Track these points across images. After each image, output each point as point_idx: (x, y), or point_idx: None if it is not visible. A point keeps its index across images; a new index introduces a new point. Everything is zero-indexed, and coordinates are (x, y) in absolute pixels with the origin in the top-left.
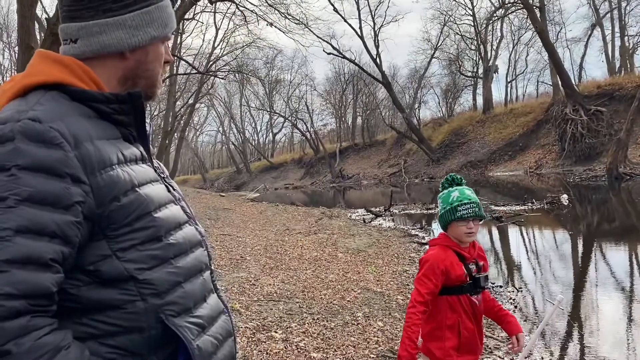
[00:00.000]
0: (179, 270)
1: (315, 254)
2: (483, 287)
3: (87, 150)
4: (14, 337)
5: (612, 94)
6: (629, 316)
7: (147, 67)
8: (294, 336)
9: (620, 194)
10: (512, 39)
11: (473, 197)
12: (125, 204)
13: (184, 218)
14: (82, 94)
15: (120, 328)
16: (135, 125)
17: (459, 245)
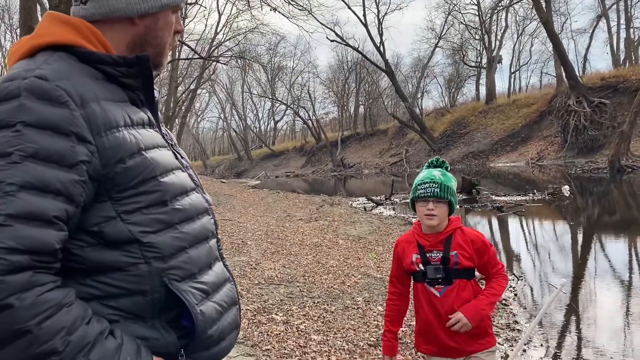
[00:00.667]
0: (184, 236)
1: (316, 240)
2: (431, 279)
3: (93, 110)
4: (16, 291)
5: (616, 86)
6: (627, 308)
7: (157, 34)
8: (294, 319)
9: (622, 187)
10: (517, 29)
11: (437, 178)
12: (131, 166)
13: (191, 185)
14: (90, 56)
15: (123, 290)
16: (143, 89)
17: (419, 232)
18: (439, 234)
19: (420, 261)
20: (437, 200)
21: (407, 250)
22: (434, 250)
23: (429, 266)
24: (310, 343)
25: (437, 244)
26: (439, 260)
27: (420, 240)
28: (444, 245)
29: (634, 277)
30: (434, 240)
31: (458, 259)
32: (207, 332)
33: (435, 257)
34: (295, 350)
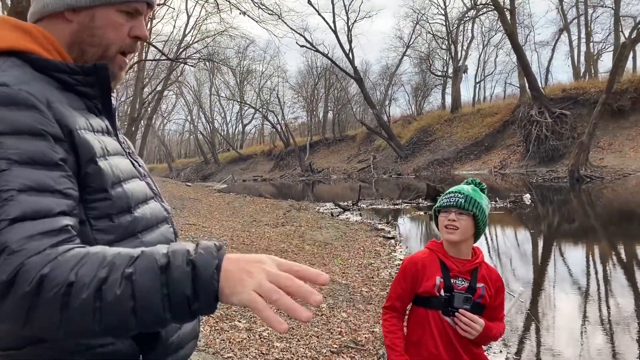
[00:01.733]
0: (146, 245)
1: (282, 245)
2: (456, 309)
3: (59, 110)
4: (43, 263)
5: (576, 97)
6: (585, 313)
7: (93, 32)
8: (257, 326)
9: (581, 196)
10: (482, 40)
11: (465, 190)
12: (101, 167)
13: (149, 194)
14: (45, 63)
15: None
16: (101, 98)
17: (446, 253)
18: (467, 262)
19: (442, 286)
20: (460, 211)
21: (428, 271)
22: (459, 277)
23: (456, 294)
24: (273, 350)
25: (464, 272)
26: (465, 289)
27: (447, 262)
28: (470, 274)
29: (591, 283)
30: (462, 267)
31: (484, 293)
32: (168, 340)
33: (460, 285)
34: (257, 357)
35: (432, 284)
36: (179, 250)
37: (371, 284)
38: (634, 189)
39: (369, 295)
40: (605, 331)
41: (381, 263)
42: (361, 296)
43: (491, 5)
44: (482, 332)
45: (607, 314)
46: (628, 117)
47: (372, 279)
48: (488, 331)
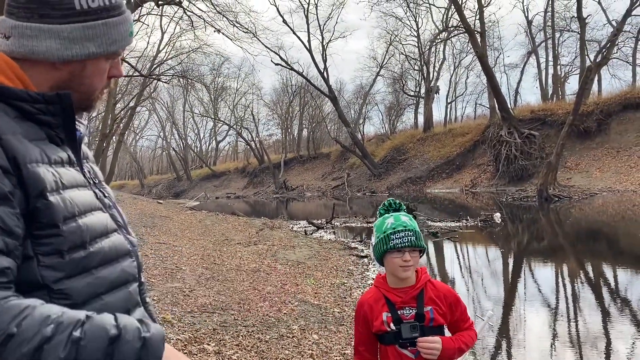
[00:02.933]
0: (100, 281)
1: (254, 265)
2: (407, 339)
3: (10, 142)
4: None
5: (544, 119)
6: (554, 330)
7: (83, 81)
8: (227, 349)
9: (549, 215)
10: (454, 62)
11: (410, 224)
12: (52, 202)
13: (112, 226)
14: (5, 91)
15: None
16: (64, 127)
17: (388, 287)
18: (410, 289)
19: (391, 320)
20: (412, 249)
21: (375, 310)
22: (405, 307)
23: (403, 325)
24: None
25: (409, 300)
26: (413, 317)
27: (389, 296)
28: (416, 300)
29: (560, 301)
30: (405, 296)
31: (434, 315)
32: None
33: (408, 315)
34: None
35: (380, 321)
36: (130, 325)
37: (343, 304)
38: (600, 209)
39: (341, 315)
40: (574, 348)
41: (354, 282)
42: (333, 317)
43: (462, 28)
44: (443, 348)
45: (576, 331)
46: (594, 138)
47: (345, 299)
48: (448, 345)
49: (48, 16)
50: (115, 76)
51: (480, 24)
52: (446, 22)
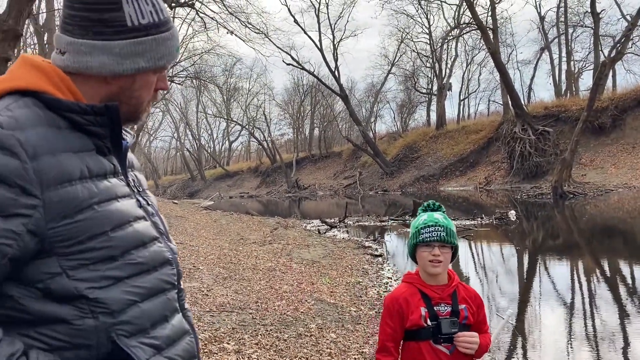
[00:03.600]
0: (137, 290)
1: (269, 264)
2: (446, 334)
3: (45, 164)
4: None
5: (558, 115)
6: (570, 329)
7: (132, 94)
8: (246, 348)
9: (564, 212)
10: (466, 59)
11: (442, 221)
12: (80, 221)
13: (151, 235)
14: (56, 103)
15: (67, 344)
16: (111, 138)
17: (424, 283)
18: (446, 286)
19: (428, 316)
20: (442, 245)
21: (412, 304)
22: (441, 303)
23: (442, 320)
24: None
25: (445, 297)
26: (449, 314)
27: (427, 292)
28: (451, 298)
29: (576, 299)
30: (442, 293)
31: (467, 314)
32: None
33: (443, 311)
34: None
35: (418, 315)
36: None
37: (359, 303)
38: (615, 205)
39: (357, 315)
40: (591, 346)
41: (369, 282)
42: (350, 316)
43: (474, 25)
44: (480, 344)
45: (593, 329)
46: (609, 134)
47: (361, 297)
48: (482, 341)
49: (102, 33)
50: (162, 89)
51: (493, 21)
52: (458, 19)
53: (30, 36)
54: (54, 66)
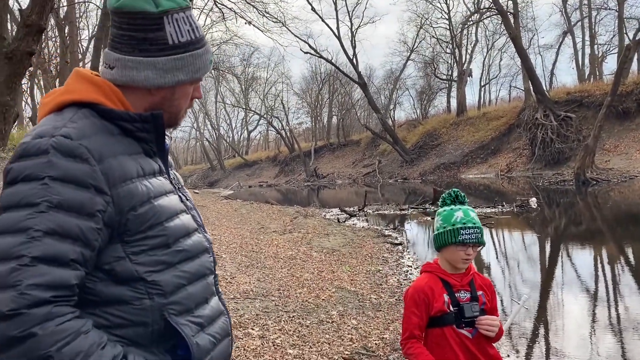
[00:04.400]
0: (184, 274)
1: (290, 252)
2: (469, 318)
3: (110, 165)
4: (39, 322)
5: (581, 100)
6: (594, 316)
7: (172, 103)
8: (270, 333)
9: (587, 198)
10: (487, 44)
11: (477, 221)
12: (141, 213)
13: (193, 226)
14: (109, 113)
15: (128, 321)
16: (156, 142)
17: (446, 272)
18: (464, 275)
19: (450, 302)
20: (476, 245)
21: (436, 292)
22: (462, 290)
23: (465, 304)
24: (286, 357)
25: (465, 285)
26: (469, 300)
27: (449, 280)
28: (469, 285)
29: (600, 286)
30: (462, 281)
31: (485, 299)
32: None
33: (464, 298)
34: None
35: (442, 302)
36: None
37: (380, 290)
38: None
39: (378, 302)
40: (614, 334)
41: (389, 270)
42: (370, 303)
43: (494, 10)
44: (500, 326)
45: (616, 317)
46: (634, 119)
47: (381, 285)
48: (500, 325)
49: (147, 50)
50: (197, 97)
51: (513, 5)
52: (478, 4)
53: (52, 29)
54: (105, 80)
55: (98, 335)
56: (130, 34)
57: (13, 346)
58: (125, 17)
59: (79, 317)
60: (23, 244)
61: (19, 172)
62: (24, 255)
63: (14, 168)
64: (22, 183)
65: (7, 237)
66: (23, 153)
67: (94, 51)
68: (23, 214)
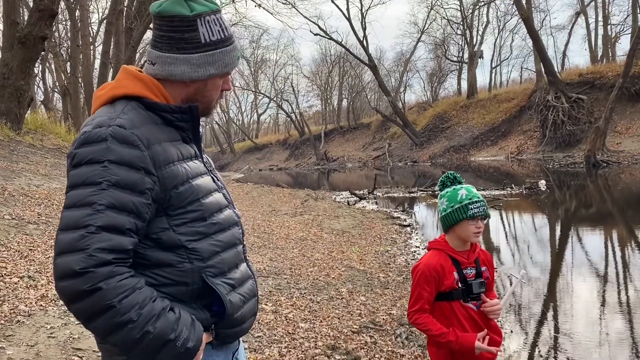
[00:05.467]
0: (218, 243)
1: (301, 234)
2: (477, 294)
3: (156, 151)
4: (103, 278)
5: (593, 82)
6: (603, 297)
7: (205, 94)
8: (283, 308)
9: (597, 181)
10: (498, 25)
11: (480, 196)
12: (182, 191)
13: (224, 203)
14: (154, 105)
15: (172, 281)
16: (192, 130)
17: (454, 249)
18: (470, 252)
19: (459, 279)
20: (484, 218)
21: (446, 270)
22: (468, 267)
23: (474, 281)
24: (298, 330)
25: (471, 261)
26: (474, 276)
27: (457, 258)
28: (475, 262)
29: (609, 267)
30: (469, 258)
31: (487, 274)
32: (233, 316)
33: (470, 274)
34: (284, 336)
35: (452, 280)
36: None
37: (388, 270)
38: None
39: (386, 280)
40: (623, 316)
41: (397, 250)
42: (379, 281)
43: None
44: None
45: (626, 299)
46: None
47: (389, 265)
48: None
49: (183, 48)
50: (226, 90)
51: None
52: None
53: (62, 12)
54: (149, 76)
55: (149, 290)
56: (169, 34)
57: (83, 298)
58: (164, 20)
59: (134, 276)
60: (89, 216)
61: (83, 157)
62: (90, 224)
63: (79, 153)
64: (85, 166)
65: (75, 210)
66: (85, 140)
67: (105, 35)
68: (88, 191)
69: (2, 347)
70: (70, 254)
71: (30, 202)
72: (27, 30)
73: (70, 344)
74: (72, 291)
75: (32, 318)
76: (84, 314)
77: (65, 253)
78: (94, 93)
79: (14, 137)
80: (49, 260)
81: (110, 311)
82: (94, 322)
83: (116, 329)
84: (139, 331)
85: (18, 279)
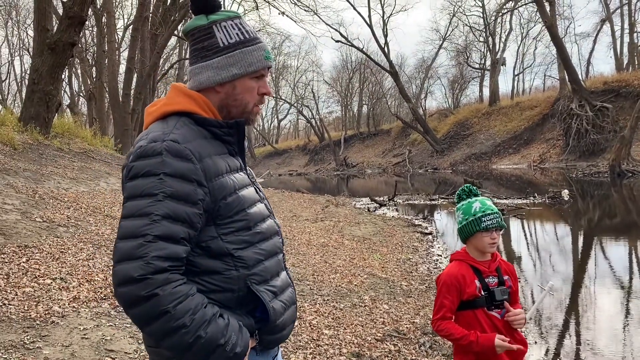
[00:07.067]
0: (262, 251)
1: (322, 240)
2: (499, 301)
3: (207, 164)
4: (160, 285)
5: (618, 90)
6: (627, 310)
7: (236, 97)
8: (306, 314)
9: (622, 191)
10: (521, 32)
11: (494, 208)
12: (229, 202)
13: (266, 213)
14: (203, 121)
15: (219, 288)
16: (237, 144)
17: (475, 259)
18: (491, 261)
19: (481, 287)
20: (499, 229)
21: (468, 279)
22: (490, 275)
23: (496, 289)
24: (322, 337)
25: (492, 271)
26: (496, 284)
27: (479, 267)
28: (496, 271)
29: (634, 279)
30: (490, 267)
31: (510, 283)
32: (275, 322)
33: (492, 282)
34: (309, 342)
35: (474, 288)
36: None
37: (410, 278)
38: None
39: (408, 288)
40: None
41: (419, 258)
42: (401, 289)
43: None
44: None
45: None
46: None
47: (411, 273)
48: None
49: (205, 56)
50: (265, 94)
51: None
52: None
53: (89, 18)
54: (198, 93)
55: (201, 297)
56: (193, 47)
57: (140, 304)
58: (188, 36)
59: (187, 283)
60: (147, 225)
61: (140, 170)
62: (148, 234)
63: (135, 166)
64: (142, 178)
65: (133, 220)
66: (142, 154)
67: (131, 41)
68: (145, 202)
69: (39, 346)
70: (129, 261)
71: (59, 205)
72: (57, 36)
73: (103, 345)
74: (130, 297)
75: (66, 319)
76: (141, 318)
77: (125, 261)
78: (145, 109)
79: (42, 140)
80: (79, 263)
81: (166, 316)
82: (150, 326)
83: (170, 333)
84: (192, 336)
85: (51, 280)
